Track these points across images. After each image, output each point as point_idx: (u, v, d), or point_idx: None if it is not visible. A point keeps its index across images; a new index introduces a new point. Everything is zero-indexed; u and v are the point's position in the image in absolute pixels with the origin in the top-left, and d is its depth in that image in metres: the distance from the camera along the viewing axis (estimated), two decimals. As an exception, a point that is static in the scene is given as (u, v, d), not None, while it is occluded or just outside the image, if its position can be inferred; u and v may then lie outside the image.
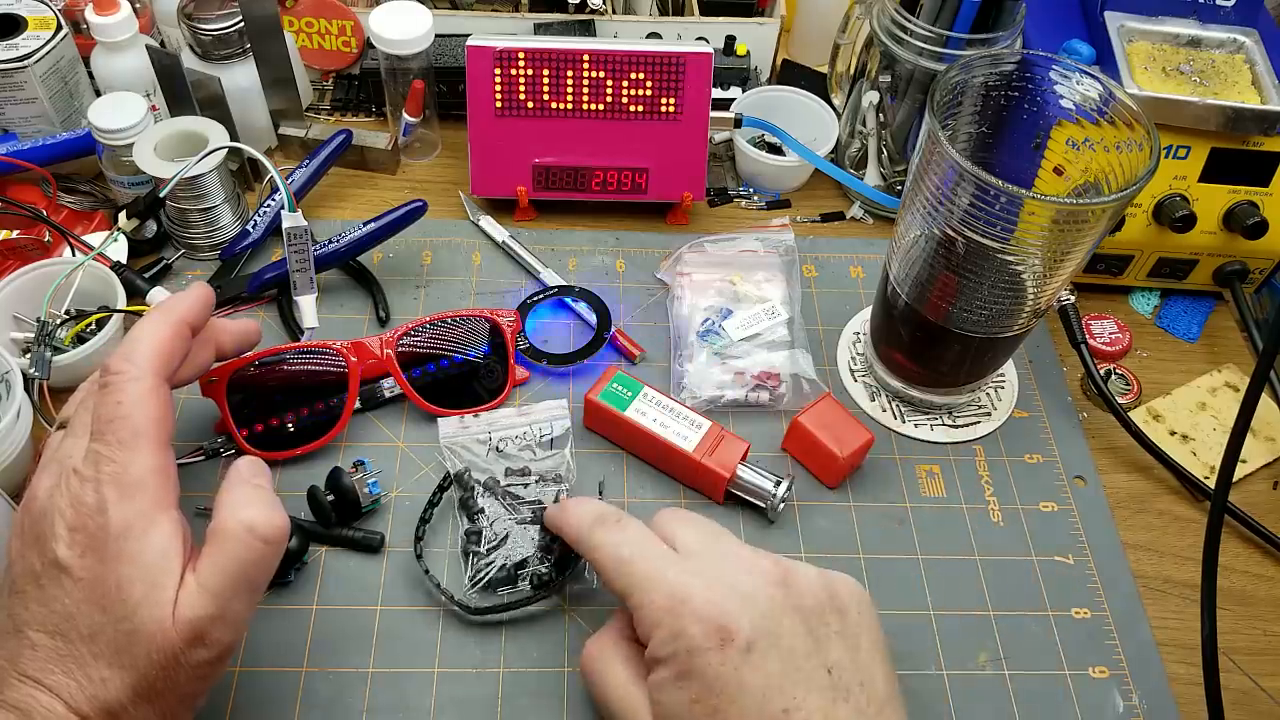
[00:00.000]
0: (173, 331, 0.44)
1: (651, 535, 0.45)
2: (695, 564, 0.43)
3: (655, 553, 0.44)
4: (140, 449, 0.40)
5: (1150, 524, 0.61)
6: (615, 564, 0.44)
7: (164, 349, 0.44)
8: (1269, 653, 0.56)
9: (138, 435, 0.40)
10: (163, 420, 0.41)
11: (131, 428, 0.40)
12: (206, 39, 0.71)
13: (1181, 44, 0.68)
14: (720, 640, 0.40)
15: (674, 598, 0.41)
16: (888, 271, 0.60)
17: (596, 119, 0.70)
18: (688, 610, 0.41)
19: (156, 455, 0.40)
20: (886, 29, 0.68)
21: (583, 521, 0.47)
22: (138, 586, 0.38)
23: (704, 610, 0.41)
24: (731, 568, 0.43)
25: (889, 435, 0.64)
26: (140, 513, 0.39)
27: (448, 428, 0.60)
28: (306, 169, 0.71)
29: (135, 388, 0.41)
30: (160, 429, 0.41)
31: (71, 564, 0.38)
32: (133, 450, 0.40)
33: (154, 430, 0.41)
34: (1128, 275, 0.72)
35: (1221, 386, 0.68)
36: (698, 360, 0.64)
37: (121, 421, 0.40)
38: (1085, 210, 0.48)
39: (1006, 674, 0.54)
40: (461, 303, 0.68)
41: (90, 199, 0.71)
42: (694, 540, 0.45)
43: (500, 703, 0.51)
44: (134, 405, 0.41)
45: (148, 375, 0.42)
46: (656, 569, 0.43)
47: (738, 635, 0.40)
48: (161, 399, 0.42)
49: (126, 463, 0.40)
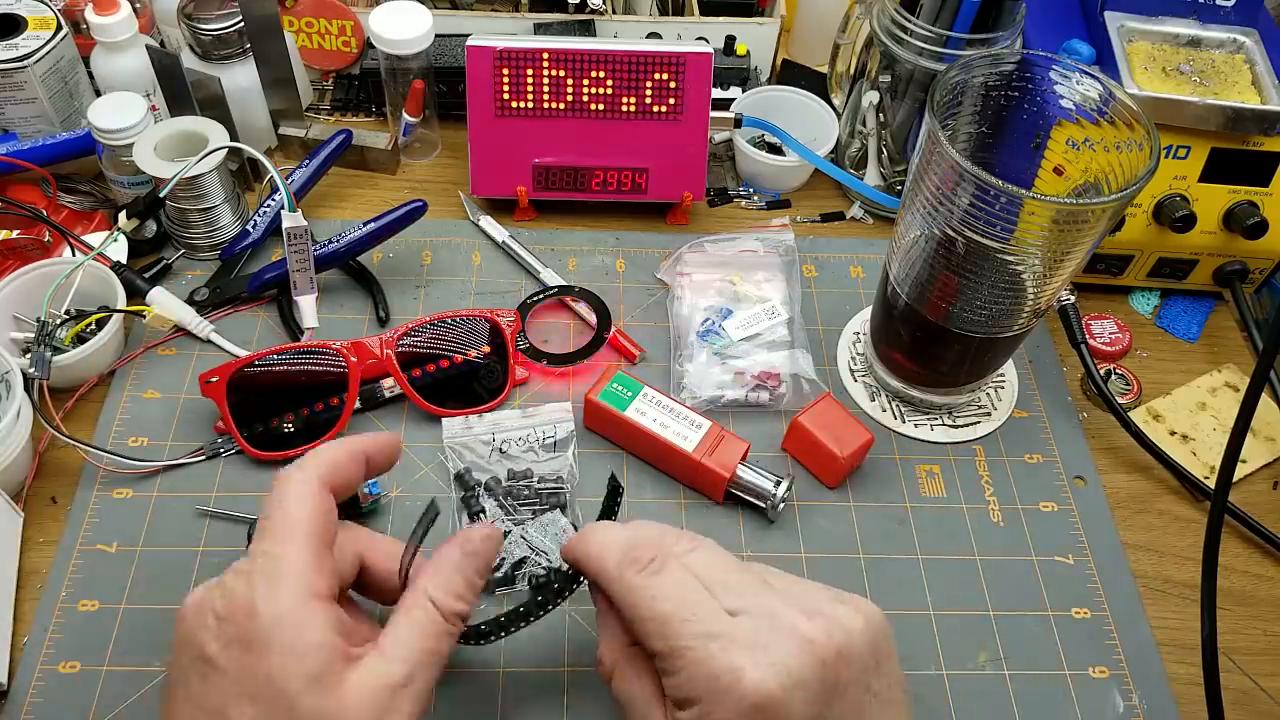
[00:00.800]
0: (348, 453, 0.44)
1: (692, 581, 0.40)
2: (743, 632, 0.39)
3: (699, 611, 0.39)
4: (295, 541, 0.39)
5: (1150, 524, 0.61)
6: (652, 621, 0.40)
7: (335, 461, 0.43)
8: (1269, 653, 0.56)
9: (295, 529, 0.40)
10: (321, 518, 0.41)
11: (287, 520, 0.40)
12: (206, 39, 0.71)
13: (1181, 44, 0.68)
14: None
15: (719, 680, 0.37)
16: (888, 271, 0.60)
17: (596, 119, 0.69)
18: (732, 697, 0.37)
19: (312, 549, 0.39)
20: (886, 29, 0.68)
21: (608, 558, 0.42)
22: (294, 678, 0.36)
23: (753, 701, 0.37)
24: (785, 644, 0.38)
25: (889, 435, 0.64)
26: (293, 604, 0.38)
27: (451, 428, 0.60)
28: (306, 169, 0.71)
29: (298, 488, 0.41)
30: (318, 524, 0.40)
31: (218, 657, 0.37)
32: (287, 543, 0.39)
33: (310, 525, 0.40)
34: (1128, 275, 0.72)
35: (1221, 386, 0.68)
36: (698, 360, 0.64)
37: (280, 517, 0.40)
38: (1085, 210, 0.48)
39: (1006, 674, 0.54)
40: (461, 303, 0.68)
41: (90, 199, 0.71)
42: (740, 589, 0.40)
43: (500, 703, 0.51)
44: (293, 502, 0.40)
45: (313, 479, 0.41)
46: (701, 637, 0.38)
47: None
48: (323, 502, 0.41)
49: (280, 555, 0.39)
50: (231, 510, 0.57)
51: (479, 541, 0.43)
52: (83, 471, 0.58)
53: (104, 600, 0.53)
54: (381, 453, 0.46)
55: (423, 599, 0.41)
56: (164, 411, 0.61)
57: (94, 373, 0.62)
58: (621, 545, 0.42)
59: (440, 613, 0.41)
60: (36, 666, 0.50)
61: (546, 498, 0.57)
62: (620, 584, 0.41)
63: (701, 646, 0.38)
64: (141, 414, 0.61)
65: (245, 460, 0.59)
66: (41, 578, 0.54)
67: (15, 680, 0.50)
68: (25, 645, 0.51)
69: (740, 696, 0.37)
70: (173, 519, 0.56)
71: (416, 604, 0.41)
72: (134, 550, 0.55)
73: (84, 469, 0.58)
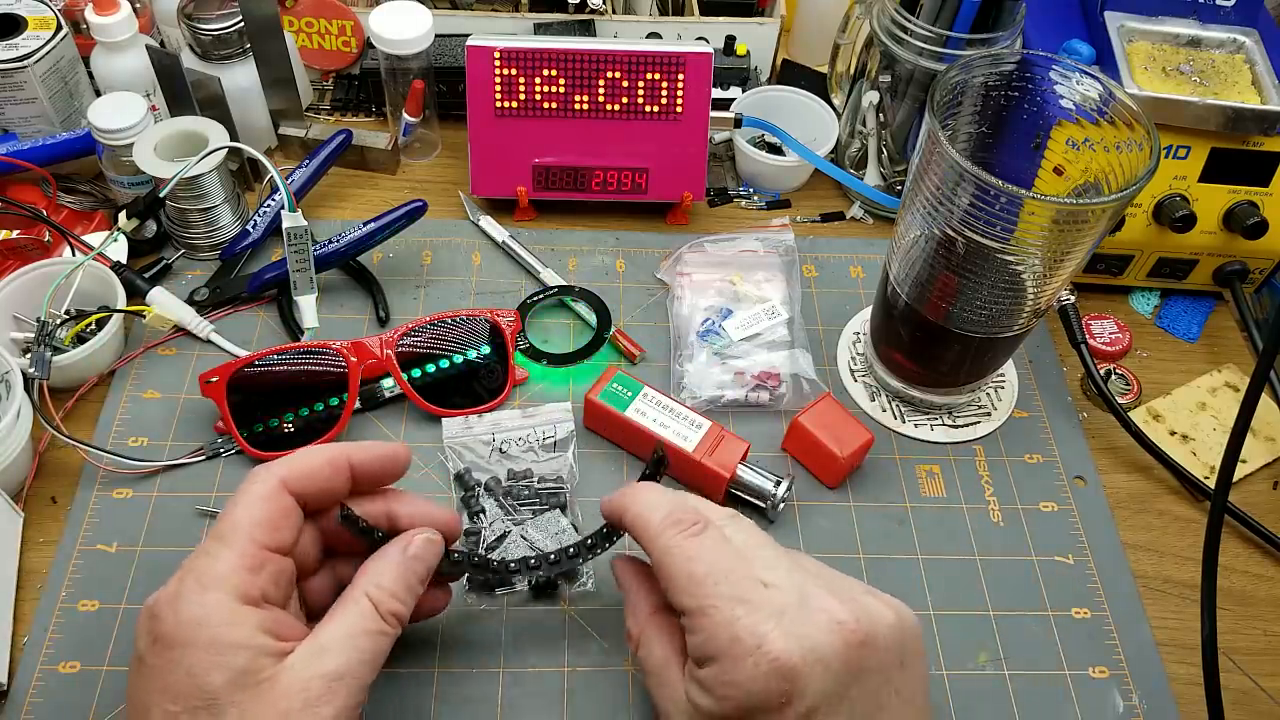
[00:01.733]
0: (327, 460, 0.44)
1: (730, 549, 0.41)
2: (772, 603, 0.39)
3: (733, 575, 0.40)
4: (233, 544, 0.40)
5: (1150, 524, 0.61)
6: (686, 579, 0.40)
7: (307, 468, 0.43)
8: (1269, 653, 0.56)
9: (236, 531, 0.40)
10: (268, 525, 0.41)
11: (232, 523, 0.40)
12: (206, 39, 0.71)
13: (1181, 44, 0.68)
14: (780, 702, 0.37)
15: (742, 643, 0.38)
16: (888, 271, 0.60)
17: (596, 119, 0.69)
18: (752, 662, 0.38)
19: (248, 554, 0.40)
20: (886, 29, 0.68)
21: (653, 515, 0.43)
22: (215, 673, 0.37)
23: (773, 667, 0.37)
24: (814, 618, 0.39)
25: (889, 435, 0.64)
26: (219, 604, 0.38)
27: (451, 428, 0.60)
28: (306, 169, 0.71)
29: (254, 489, 0.41)
30: (261, 531, 0.41)
31: (145, 652, 0.38)
32: (226, 545, 0.40)
33: (254, 530, 0.40)
34: (1128, 275, 0.72)
35: (1221, 386, 0.68)
36: (698, 360, 0.64)
37: (226, 518, 0.41)
38: (1085, 210, 0.48)
39: (1006, 674, 0.54)
40: (461, 303, 0.68)
41: (90, 199, 0.71)
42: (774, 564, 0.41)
43: (500, 703, 0.51)
44: (243, 505, 0.41)
45: (272, 482, 0.42)
46: (730, 599, 0.39)
47: (799, 700, 0.37)
48: (276, 506, 0.41)
49: (214, 555, 0.40)
50: (231, 510, 0.57)
51: (420, 545, 0.44)
52: (83, 471, 0.58)
53: (104, 600, 0.53)
54: (376, 463, 0.45)
55: (359, 595, 0.41)
56: (164, 411, 0.61)
57: (94, 373, 0.62)
58: (667, 506, 0.43)
59: (376, 610, 0.41)
60: (36, 666, 0.50)
61: (546, 498, 0.57)
62: (661, 540, 0.42)
63: (729, 608, 0.39)
64: (141, 414, 0.61)
65: (245, 460, 0.59)
66: (41, 578, 0.54)
67: (15, 680, 0.50)
68: (25, 645, 0.51)
69: (759, 661, 0.38)
70: (173, 519, 0.56)
71: (354, 600, 0.41)
72: (134, 550, 0.55)
73: (84, 469, 0.58)
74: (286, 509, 0.42)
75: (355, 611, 0.41)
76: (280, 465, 0.43)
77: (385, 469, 0.46)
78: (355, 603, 0.41)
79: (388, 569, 0.43)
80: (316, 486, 0.43)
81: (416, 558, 0.43)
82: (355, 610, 0.41)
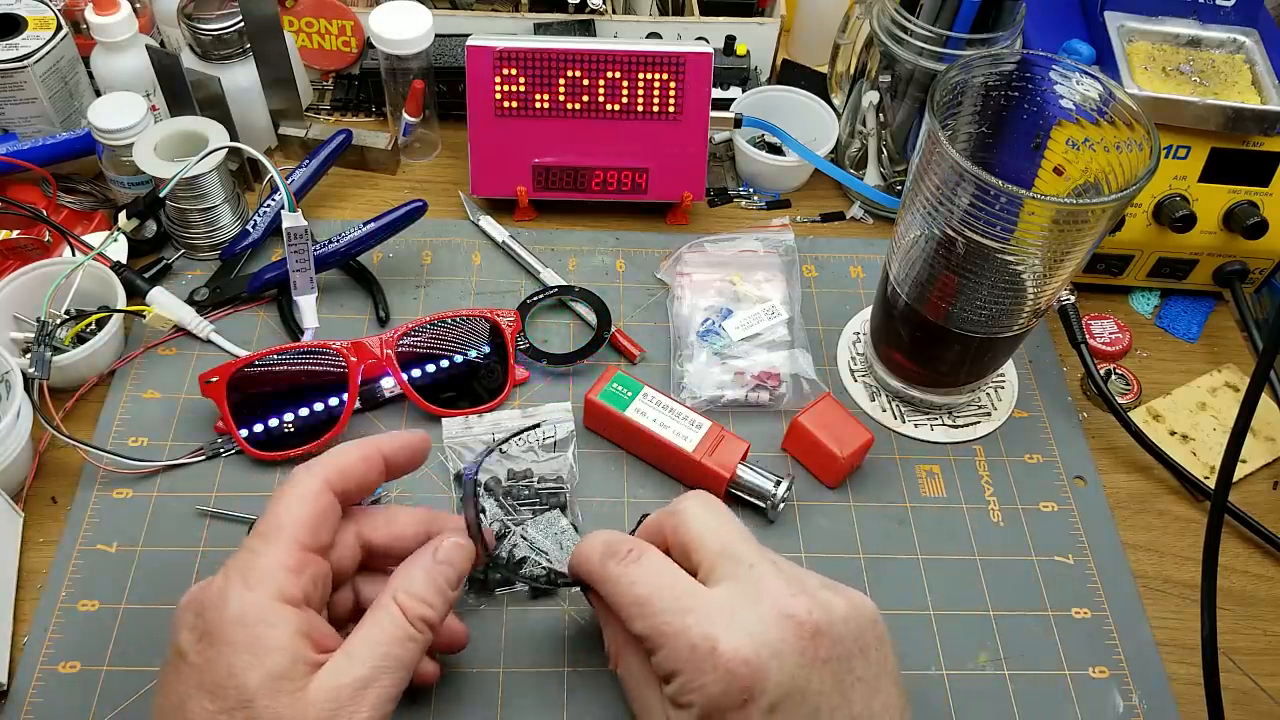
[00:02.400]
0: (361, 455, 0.44)
1: (670, 566, 0.42)
2: (721, 604, 0.40)
3: (676, 589, 0.41)
4: (277, 542, 0.40)
5: (1150, 524, 0.61)
6: (632, 604, 0.41)
7: (345, 465, 0.43)
8: (1269, 653, 0.56)
9: (280, 529, 0.40)
10: (312, 522, 0.41)
11: (276, 522, 0.41)
12: (206, 39, 0.71)
13: (1181, 44, 0.68)
14: (743, 700, 0.38)
15: (696, 649, 0.39)
16: (888, 271, 0.60)
17: (596, 119, 0.69)
18: (710, 665, 0.38)
19: (292, 553, 0.40)
20: (886, 29, 0.68)
21: (591, 554, 0.44)
22: (253, 674, 0.37)
23: (727, 666, 0.38)
24: (763, 613, 0.40)
25: (889, 435, 0.64)
26: (260, 603, 0.38)
27: (451, 428, 0.60)
28: (306, 169, 0.71)
29: (297, 489, 0.42)
30: (304, 531, 0.41)
31: (188, 650, 0.38)
32: (270, 543, 0.40)
33: (297, 530, 0.41)
34: (1128, 275, 0.72)
35: (1221, 386, 0.68)
36: (698, 360, 0.64)
37: (270, 516, 0.41)
38: (1085, 210, 0.48)
39: (1006, 674, 0.54)
40: (461, 303, 0.68)
41: (90, 199, 0.71)
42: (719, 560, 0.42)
43: (500, 703, 0.51)
44: (287, 503, 0.41)
45: (316, 481, 0.42)
46: (677, 612, 0.40)
47: (761, 696, 0.38)
48: (319, 505, 0.42)
49: (259, 553, 0.40)
50: (231, 510, 0.57)
51: (449, 549, 0.44)
52: (83, 471, 0.58)
53: (104, 600, 0.53)
54: (404, 452, 0.46)
55: (389, 603, 0.41)
56: (164, 411, 0.61)
57: (94, 373, 0.62)
58: (603, 541, 0.44)
59: (406, 617, 0.41)
60: (36, 666, 0.50)
61: (546, 498, 0.57)
62: (602, 575, 0.43)
63: (678, 620, 0.40)
64: (141, 414, 0.61)
65: (245, 460, 0.59)
66: (41, 578, 0.54)
67: (15, 680, 0.50)
68: (25, 645, 0.51)
69: (716, 664, 0.38)
70: (173, 519, 0.56)
71: (384, 607, 0.41)
72: (134, 550, 0.55)
73: (84, 469, 0.58)
74: (326, 508, 0.42)
75: (385, 619, 0.41)
76: (320, 465, 0.43)
77: (412, 458, 0.47)
78: (385, 610, 0.41)
79: (417, 574, 0.43)
80: (354, 482, 0.44)
81: (446, 562, 0.44)
82: (385, 617, 0.41)
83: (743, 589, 0.41)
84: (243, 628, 0.38)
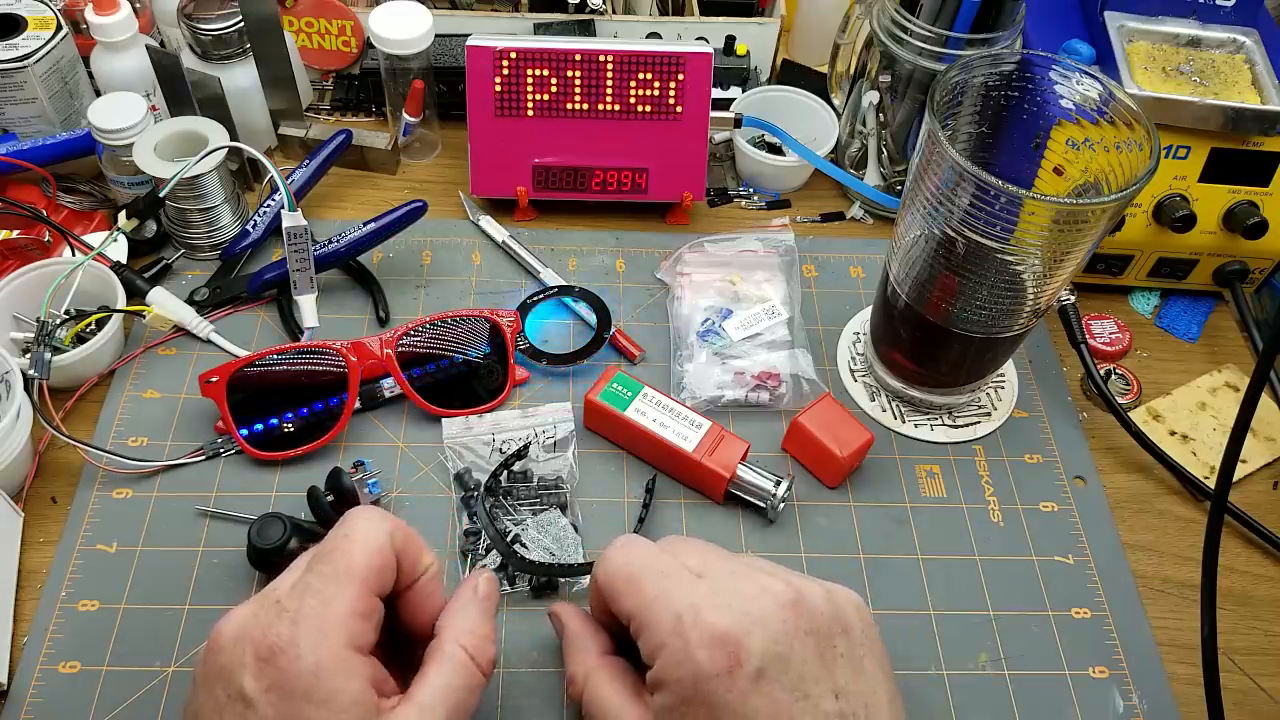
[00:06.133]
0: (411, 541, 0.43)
1: (660, 552, 0.44)
2: (705, 585, 0.41)
3: (664, 570, 0.42)
4: (350, 586, 0.39)
5: (1150, 524, 0.61)
6: (624, 582, 0.43)
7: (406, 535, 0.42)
8: (1269, 653, 0.56)
9: (351, 573, 0.39)
10: (381, 571, 0.40)
11: (348, 563, 0.39)
12: (206, 39, 0.71)
13: (1181, 44, 0.68)
14: (728, 666, 0.39)
15: (681, 620, 0.40)
16: (888, 271, 0.60)
17: (596, 119, 0.69)
18: (695, 634, 0.39)
19: (364, 599, 0.39)
20: (886, 29, 0.68)
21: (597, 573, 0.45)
22: None
23: (712, 633, 0.39)
24: (742, 589, 0.41)
25: (889, 435, 0.64)
26: (335, 655, 0.37)
27: (451, 428, 0.60)
28: (306, 169, 0.71)
29: (368, 527, 0.41)
30: (376, 576, 0.40)
31: (257, 699, 0.37)
32: (342, 586, 0.39)
33: (369, 575, 0.39)
34: (1128, 275, 0.72)
35: (1221, 386, 0.68)
36: (698, 360, 0.64)
37: (341, 555, 0.39)
38: (1085, 210, 0.48)
39: (1006, 674, 0.54)
40: (461, 303, 0.68)
41: (90, 199, 0.71)
42: (703, 561, 0.43)
43: (500, 703, 0.51)
44: (360, 543, 0.40)
45: (385, 525, 0.41)
46: (664, 588, 0.41)
47: (746, 661, 0.39)
48: (387, 554, 0.41)
49: (331, 598, 0.38)
50: (231, 510, 0.57)
51: (486, 584, 0.45)
52: (83, 471, 0.58)
53: (104, 600, 0.53)
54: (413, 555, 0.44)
55: (454, 648, 0.41)
56: (164, 411, 0.61)
57: (94, 373, 0.62)
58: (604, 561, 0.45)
59: (475, 661, 0.41)
60: (36, 666, 0.50)
61: (546, 498, 0.57)
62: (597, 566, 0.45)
63: (665, 593, 0.41)
64: (141, 414, 0.61)
65: (245, 460, 0.59)
66: (41, 578, 0.54)
67: (15, 680, 0.50)
68: (25, 645, 0.51)
69: (701, 632, 0.39)
70: (173, 519, 0.56)
71: (448, 654, 0.41)
72: (134, 550, 0.55)
73: (84, 469, 0.58)
74: (390, 558, 0.41)
75: (450, 667, 0.40)
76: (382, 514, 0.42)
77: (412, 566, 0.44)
78: (450, 658, 0.41)
79: (473, 615, 0.43)
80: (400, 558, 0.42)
81: (488, 597, 0.44)
82: (450, 665, 0.41)
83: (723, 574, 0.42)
84: (318, 680, 0.37)
